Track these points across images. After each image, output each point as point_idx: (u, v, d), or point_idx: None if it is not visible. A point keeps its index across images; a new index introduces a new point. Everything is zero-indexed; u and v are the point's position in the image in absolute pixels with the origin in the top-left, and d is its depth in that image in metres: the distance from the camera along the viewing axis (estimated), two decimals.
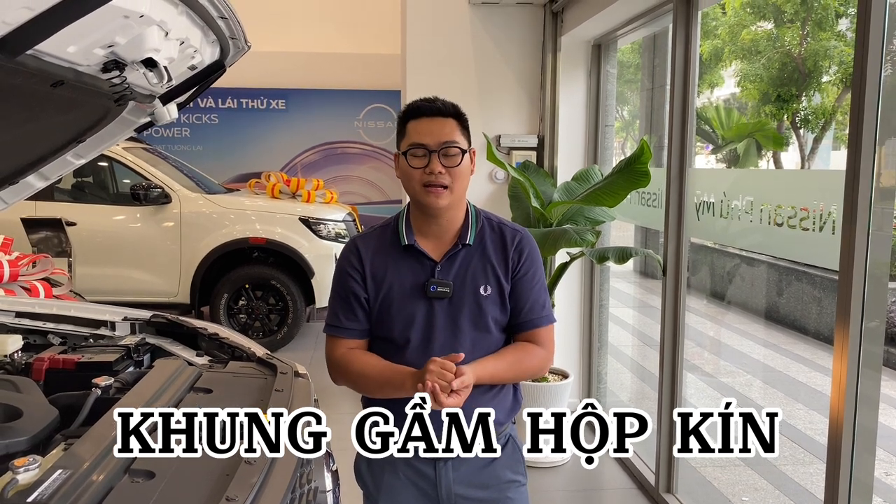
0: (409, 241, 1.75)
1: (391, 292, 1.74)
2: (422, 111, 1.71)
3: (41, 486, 1.13)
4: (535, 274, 1.79)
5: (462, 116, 1.74)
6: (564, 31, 4.37)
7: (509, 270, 1.76)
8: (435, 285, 1.72)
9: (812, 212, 2.47)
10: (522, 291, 1.77)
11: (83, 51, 1.26)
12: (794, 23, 12.40)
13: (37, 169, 2.02)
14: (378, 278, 1.76)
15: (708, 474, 3.94)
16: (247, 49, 1.85)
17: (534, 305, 1.78)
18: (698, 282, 8.46)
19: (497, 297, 1.75)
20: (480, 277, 1.75)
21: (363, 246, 1.79)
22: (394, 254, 1.77)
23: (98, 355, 1.90)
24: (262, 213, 6.02)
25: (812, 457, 4.33)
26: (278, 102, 8.77)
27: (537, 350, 1.79)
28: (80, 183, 6.28)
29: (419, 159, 1.68)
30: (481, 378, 1.64)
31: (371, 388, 1.74)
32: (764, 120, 12.32)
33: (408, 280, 1.74)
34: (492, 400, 1.76)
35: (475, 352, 1.71)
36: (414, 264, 1.75)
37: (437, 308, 1.73)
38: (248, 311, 5.99)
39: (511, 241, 1.79)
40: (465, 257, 1.76)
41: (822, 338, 6.59)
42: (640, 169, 3.53)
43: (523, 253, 1.78)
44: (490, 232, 1.80)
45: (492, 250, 1.77)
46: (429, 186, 1.68)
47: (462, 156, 1.69)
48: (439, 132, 1.68)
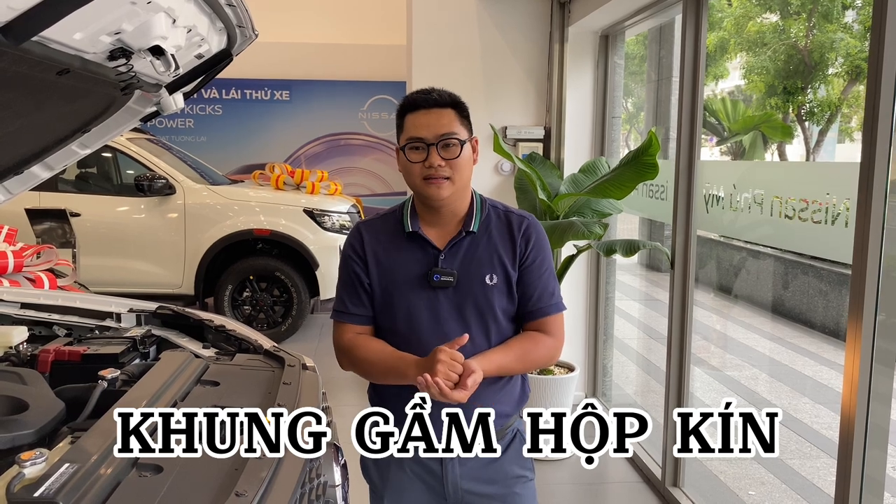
0: (413, 227, 1.72)
1: (394, 280, 1.72)
2: (417, 104, 1.67)
3: (48, 481, 1.11)
4: (543, 261, 1.75)
5: (460, 105, 1.70)
6: (572, 21, 4.33)
7: (516, 258, 1.73)
8: (438, 274, 1.68)
9: (823, 204, 2.44)
10: (531, 280, 1.73)
11: (90, 38, 1.24)
12: (800, 14, 12.33)
13: (42, 159, 2.00)
14: (381, 265, 1.73)
15: (714, 468, 3.93)
16: (254, 38, 1.83)
17: (542, 293, 1.74)
18: (704, 275, 8.43)
19: (504, 286, 1.71)
20: (486, 266, 1.71)
21: (366, 232, 1.77)
22: (397, 241, 1.74)
23: (104, 347, 1.89)
24: (266, 205, 6.00)
25: (819, 451, 4.31)
26: (282, 93, 8.73)
27: (546, 339, 1.75)
28: (85, 174, 6.26)
29: (418, 153, 1.65)
30: (489, 371, 1.61)
31: (376, 375, 1.72)
32: (770, 112, 12.28)
33: (411, 268, 1.71)
34: (499, 392, 1.73)
35: (480, 344, 1.68)
36: (417, 252, 1.72)
37: (441, 297, 1.69)
38: (253, 303, 5.98)
39: (518, 229, 1.74)
40: (469, 245, 1.72)
41: (829, 331, 6.56)
42: (647, 161, 3.50)
43: (531, 240, 1.74)
44: (496, 219, 1.76)
45: (498, 238, 1.73)
46: (429, 179, 1.65)
47: (461, 147, 1.65)
48: (436, 124, 1.64)
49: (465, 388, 1.51)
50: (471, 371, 1.53)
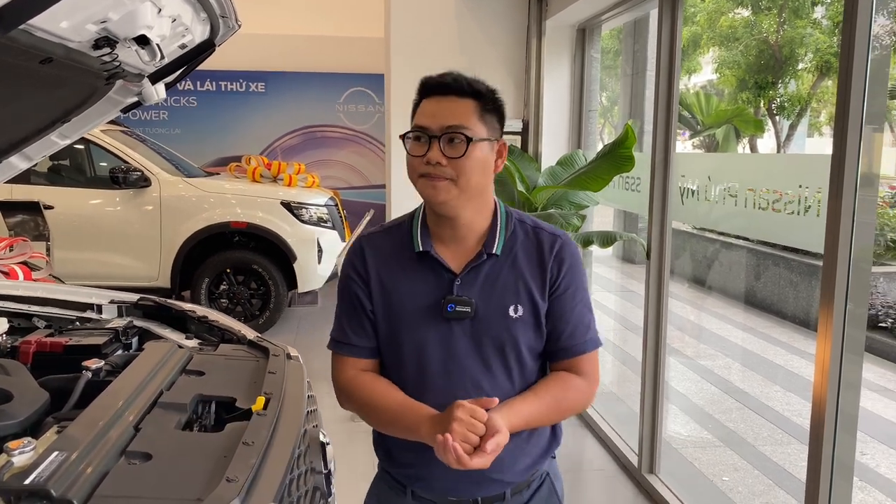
0: (425, 247, 1.45)
1: (400, 309, 1.45)
2: (430, 88, 1.42)
3: (38, 469, 1.12)
4: (577, 289, 1.48)
5: (484, 97, 1.41)
6: (549, 15, 4.36)
7: (546, 286, 1.45)
8: (453, 303, 1.41)
9: (795, 196, 2.50)
10: (563, 311, 1.46)
11: (75, 26, 1.23)
12: (770, 10, 12.50)
13: (20, 149, 1.98)
14: (385, 290, 1.46)
15: (689, 455, 4.00)
16: (237, 28, 1.83)
17: (576, 328, 1.47)
18: (678, 267, 8.55)
19: (531, 319, 1.44)
20: (510, 295, 1.44)
21: (369, 248, 1.50)
22: (404, 261, 1.47)
23: (86, 338, 1.88)
24: (243, 197, 5.97)
25: (790, 437, 4.41)
26: (258, 85, 8.67)
27: (578, 383, 1.47)
28: (57, 166, 6.18)
29: (419, 145, 1.39)
30: (516, 426, 1.36)
31: (380, 424, 1.46)
32: (742, 106, 12.46)
33: (420, 295, 1.44)
34: (524, 444, 1.48)
35: (503, 386, 1.43)
36: (429, 276, 1.45)
37: (456, 331, 1.42)
38: (230, 296, 5.95)
39: (549, 250, 1.46)
40: (490, 270, 1.44)
41: (799, 321, 6.70)
42: (624, 154, 3.55)
43: (563, 263, 1.46)
44: (523, 238, 1.48)
45: (524, 261, 1.46)
46: (426, 177, 1.39)
47: (467, 145, 1.37)
48: (446, 114, 1.38)
49: (485, 453, 1.25)
50: (495, 431, 1.27)
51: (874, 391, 5.10)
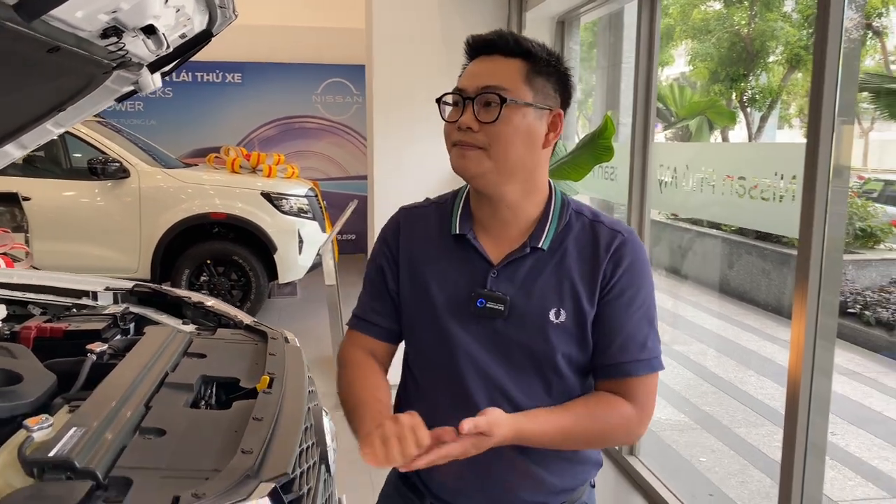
0: (462, 229, 1.26)
1: (425, 296, 1.26)
2: (476, 47, 1.24)
3: (59, 443, 1.16)
4: (635, 296, 1.22)
5: (537, 57, 1.20)
6: (529, 7, 4.42)
7: (597, 288, 1.21)
8: (483, 299, 1.21)
9: (771, 184, 2.59)
10: (613, 319, 1.21)
11: (89, 16, 1.27)
12: (742, 3, 12.69)
13: (16, 137, 2.00)
14: (413, 272, 1.29)
15: (668, 438, 4.11)
16: (234, 18, 1.86)
17: (628, 342, 1.21)
18: (653, 255, 8.69)
19: (574, 327, 1.21)
20: (552, 297, 1.21)
21: (405, 223, 1.33)
22: (439, 242, 1.29)
23: (85, 324, 1.91)
24: (222, 188, 5.96)
25: (763, 419, 4.55)
26: (234, 76, 8.63)
27: (625, 409, 1.20)
28: (31, 157, 6.10)
29: (455, 110, 1.21)
30: (527, 434, 1.13)
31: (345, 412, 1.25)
32: (715, 98, 12.66)
33: (449, 284, 1.25)
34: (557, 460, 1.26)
35: (539, 399, 1.22)
36: (462, 264, 1.25)
37: (483, 331, 1.22)
38: (210, 287, 5.95)
39: (606, 248, 1.22)
40: (534, 266, 1.23)
41: (771, 308, 6.87)
42: (603, 144, 3.62)
43: (621, 263, 1.21)
44: (578, 232, 1.25)
45: (575, 259, 1.23)
46: (458, 146, 1.19)
47: (501, 108, 1.15)
48: (485, 74, 1.19)
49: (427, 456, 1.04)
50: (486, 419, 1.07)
51: (843, 374, 5.27)
